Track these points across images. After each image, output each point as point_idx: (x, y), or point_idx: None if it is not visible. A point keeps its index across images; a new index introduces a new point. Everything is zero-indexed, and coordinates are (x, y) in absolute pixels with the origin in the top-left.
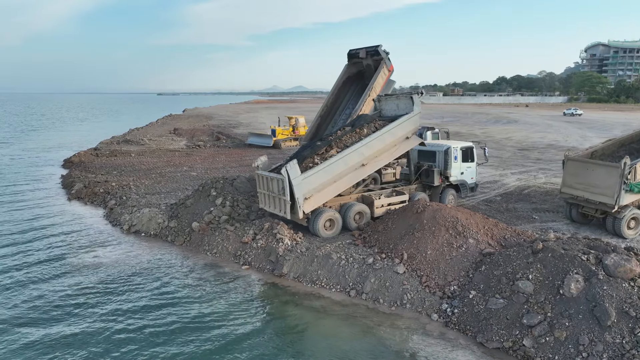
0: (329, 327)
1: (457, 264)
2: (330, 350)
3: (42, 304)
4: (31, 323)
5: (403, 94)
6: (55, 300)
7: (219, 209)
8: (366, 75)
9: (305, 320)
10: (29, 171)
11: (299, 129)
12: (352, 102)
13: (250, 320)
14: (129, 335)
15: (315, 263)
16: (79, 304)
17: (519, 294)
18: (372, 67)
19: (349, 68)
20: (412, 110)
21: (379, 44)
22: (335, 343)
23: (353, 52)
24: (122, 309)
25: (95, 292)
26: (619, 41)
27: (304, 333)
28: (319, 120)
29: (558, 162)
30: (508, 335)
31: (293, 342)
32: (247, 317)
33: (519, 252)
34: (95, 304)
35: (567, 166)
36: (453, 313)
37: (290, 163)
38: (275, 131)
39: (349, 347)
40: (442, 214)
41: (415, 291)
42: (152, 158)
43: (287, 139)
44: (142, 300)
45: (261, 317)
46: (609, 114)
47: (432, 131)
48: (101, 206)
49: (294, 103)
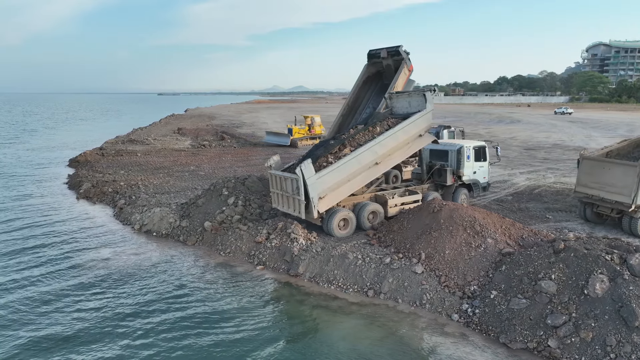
0: (348, 327)
1: (476, 263)
2: (350, 350)
3: (55, 304)
4: (46, 322)
5: (415, 91)
6: (68, 300)
7: (231, 209)
8: (385, 75)
9: (323, 320)
10: (35, 171)
11: (315, 128)
12: (372, 101)
13: (267, 320)
14: (141, 333)
15: (331, 263)
16: (92, 304)
17: (541, 294)
18: (391, 67)
19: (368, 68)
20: (425, 108)
21: (399, 45)
22: (354, 343)
23: (373, 52)
24: (136, 308)
25: (109, 291)
26: (621, 41)
27: (323, 333)
28: (341, 120)
29: (566, 162)
30: (532, 336)
31: (311, 342)
32: (263, 317)
33: (540, 252)
34: (109, 304)
35: (583, 165)
36: (474, 313)
37: (305, 162)
38: (292, 130)
39: (369, 347)
40: (459, 213)
41: (434, 291)
42: (158, 157)
43: (303, 138)
44: (157, 300)
45: (278, 317)
46: (611, 114)
47: (448, 130)
48: (110, 205)
49: (296, 103)
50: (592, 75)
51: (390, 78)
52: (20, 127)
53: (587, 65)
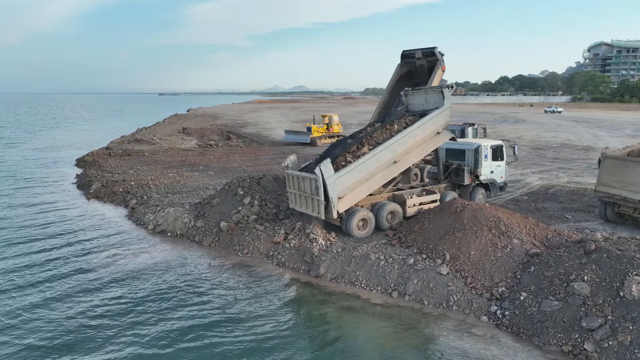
0: (373, 329)
1: (503, 264)
2: (377, 351)
3: (70, 305)
4: (63, 322)
5: (432, 88)
6: (84, 302)
7: (247, 209)
8: (415, 74)
9: (348, 321)
10: (42, 171)
11: (333, 127)
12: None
13: (289, 321)
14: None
15: (353, 264)
16: (109, 306)
17: (574, 295)
18: (424, 67)
19: (401, 68)
20: (443, 105)
21: (435, 46)
22: (382, 344)
23: (408, 53)
24: (154, 310)
25: (126, 293)
26: (622, 41)
27: (349, 334)
28: (377, 117)
29: (576, 162)
30: (567, 339)
31: (338, 343)
32: (286, 318)
33: (570, 253)
34: (126, 305)
35: (604, 164)
36: (504, 315)
37: (324, 162)
38: (311, 129)
39: (398, 348)
40: (483, 213)
41: (461, 293)
42: (165, 157)
43: (322, 137)
44: (176, 302)
45: (301, 318)
46: (615, 114)
47: (472, 127)
48: (122, 205)
49: (298, 103)
50: (594, 75)
51: (422, 77)
52: (23, 126)
53: (589, 65)
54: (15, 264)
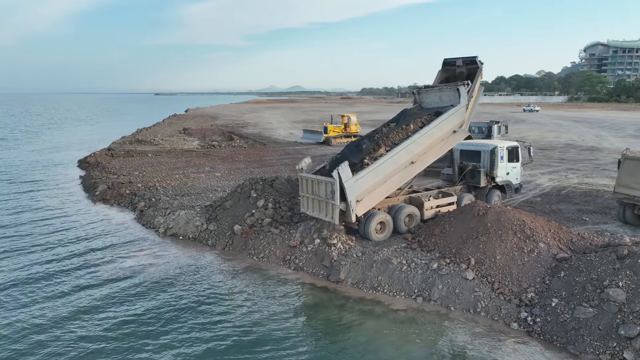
0: (399, 334)
1: (530, 269)
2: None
3: (84, 309)
4: (80, 324)
5: (447, 85)
6: (100, 306)
7: (261, 211)
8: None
9: (372, 328)
10: (44, 173)
11: (351, 127)
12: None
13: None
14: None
15: (374, 268)
16: (125, 310)
17: (609, 302)
18: (463, 74)
19: (441, 74)
20: (459, 102)
21: (476, 55)
22: (409, 350)
23: (449, 61)
24: (171, 314)
25: (140, 298)
26: (618, 41)
27: (375, 341)
28: None
29: (583, 162)
30: (604, 347)
31: (367, 349)
32: (307, 323)
33: (601, 258)
34: (142, 310)
35: (624, 165)
36: (535, 322)
37: (342, 165)
38: (327, 128)
39: (426, 355)
40: (507, 216)
41: (488, 298)
42: (169, 158)
43: (337, 136)
44: (192, 306)
45: (323, 324)
46: (613, 114)
47: (497, 124)
48: (129, 208)
49: (296, 103)
50: (591, 75)
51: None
52: (21, 127)
53: (585, 64)
54: (31, 274)
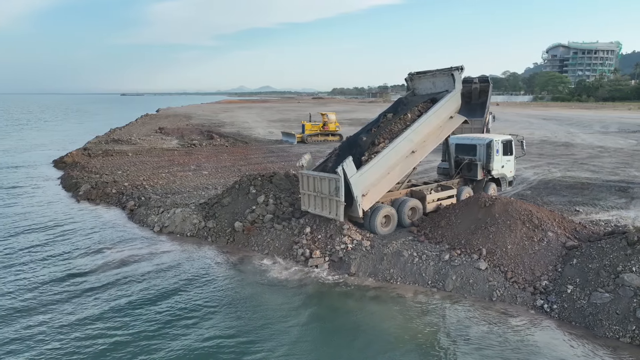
0: (418, 325)
1: (542, 258)
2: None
3: (94, 312)
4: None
5: (440, 70)
6: (106, 308)
7: (262, 208)
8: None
9: (391, 318)
10: (20, 174)
11: (329, 125)
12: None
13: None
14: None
15: (385, 261)
16: (132, 310)
17: (625, 287)
18: (477, 90)
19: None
20: (454, 88)
21: (488, 75)
22: (432, 340)
23: (467, 79)
24: (182, 312)
25: (148, 295)
26: (579, 42)
27: (398, 329)
28: None
29: (561, 157)
30: (624, 331)
31: (390, 337)
32: (326, 316)
33: (612, 244)
34: (150, 308)
35: None
36: (552, 309)
37: (346, 161)
38: (305, 126)
39: (451, 340)
40: (514, 207)
41: (503, 287)
42: (151, 157)
43: (314, 134)
44: (203, 302)
45: (342, 317)
46: (576, 112)
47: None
48: (117, 207)
49: (268, 103)
50: (554, 76)
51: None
52: None
53: (548, 65)
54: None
